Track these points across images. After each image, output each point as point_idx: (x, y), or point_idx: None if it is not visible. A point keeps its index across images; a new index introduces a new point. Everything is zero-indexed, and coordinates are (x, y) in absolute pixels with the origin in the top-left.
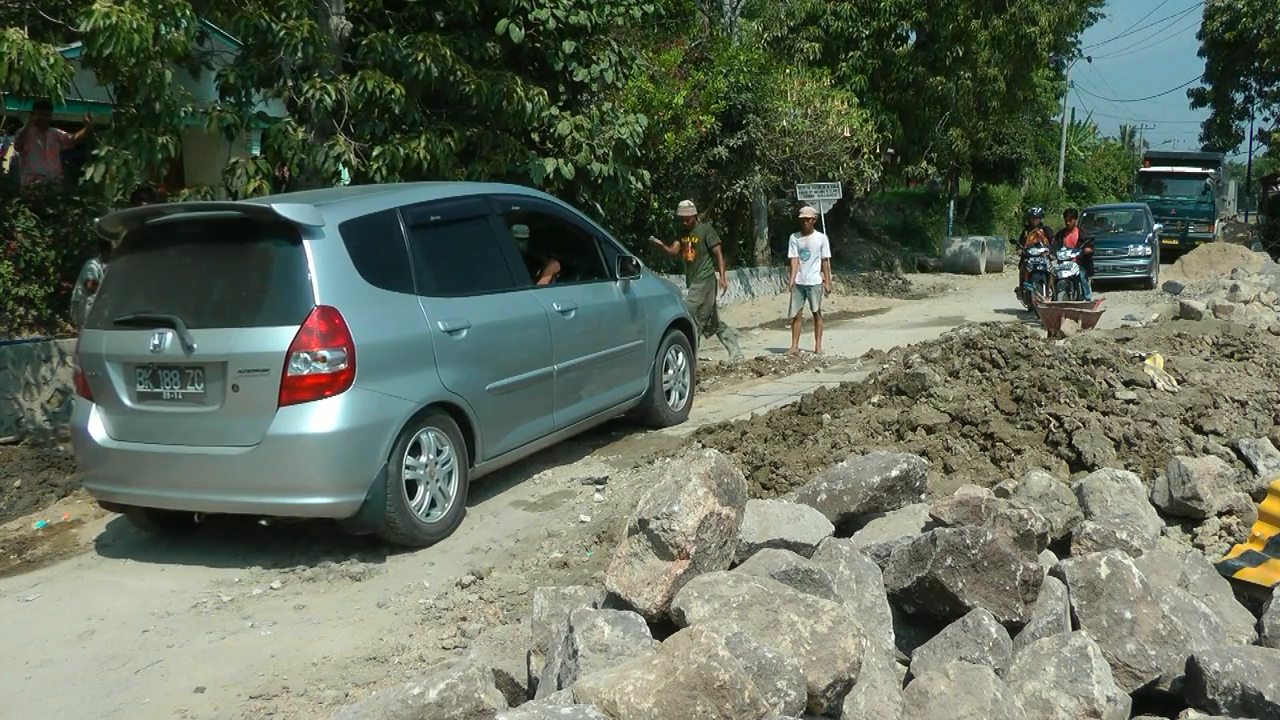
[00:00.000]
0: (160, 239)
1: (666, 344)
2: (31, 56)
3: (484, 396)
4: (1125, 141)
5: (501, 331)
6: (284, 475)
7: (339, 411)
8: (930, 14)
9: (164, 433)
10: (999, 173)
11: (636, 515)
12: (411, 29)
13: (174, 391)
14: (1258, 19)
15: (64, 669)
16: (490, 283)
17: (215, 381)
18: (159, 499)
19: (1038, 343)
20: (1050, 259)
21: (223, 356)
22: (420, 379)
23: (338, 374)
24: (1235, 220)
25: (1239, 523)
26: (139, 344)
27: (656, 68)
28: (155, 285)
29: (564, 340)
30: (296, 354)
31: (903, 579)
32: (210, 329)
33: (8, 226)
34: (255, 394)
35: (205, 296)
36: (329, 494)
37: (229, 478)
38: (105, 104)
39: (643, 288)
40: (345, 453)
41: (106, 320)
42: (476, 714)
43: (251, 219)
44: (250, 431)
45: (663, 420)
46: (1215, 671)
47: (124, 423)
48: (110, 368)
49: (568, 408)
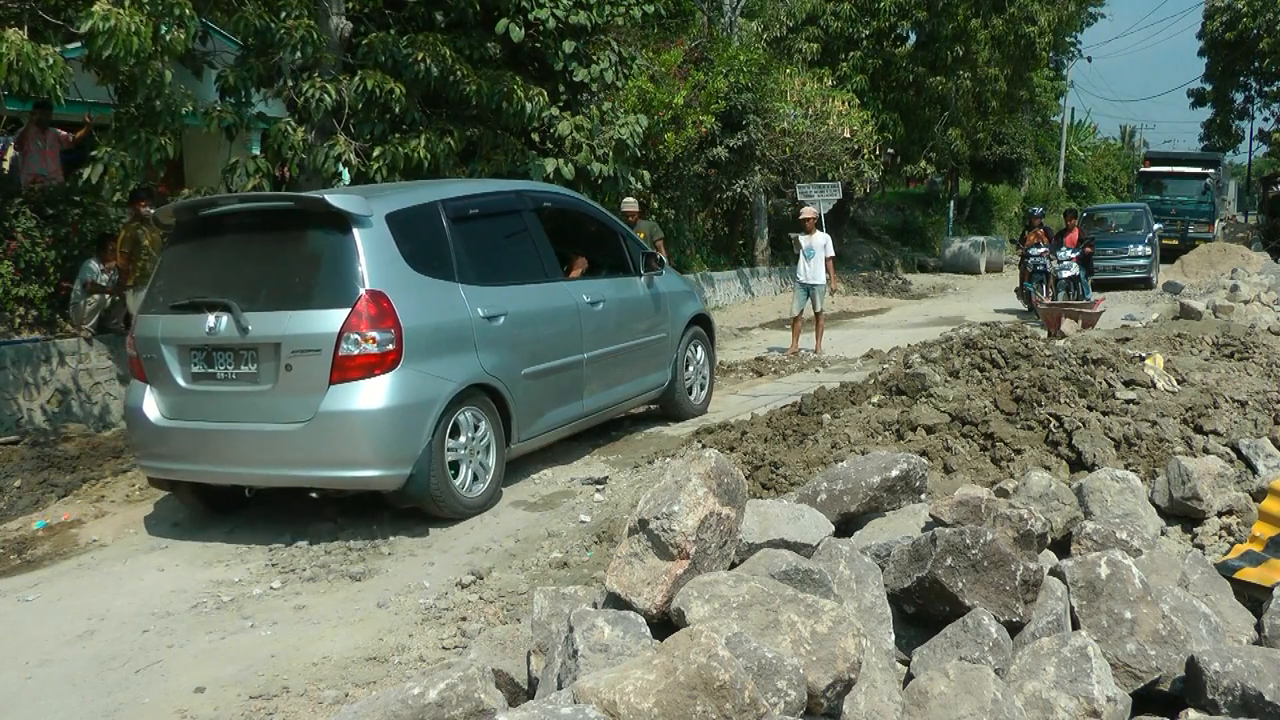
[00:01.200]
0: (213, 229)
1: (688, 338)
2: (30, 57)
3: (519, 380)
4: (1125, 141)
5: (536, 320)
6: (335, 450)
7: (387, 389)
8: (930, 14)
9: (218, 411)
10: (999, 173)
11: (636, 515)
12: (411, 29)
13: (228, 372)
14: (1258, 19)
15: (64, 669)
16: (525, 274)
17: (269, 361)
18: (212, 474)
19: (1038, 343)
20: (1050, 259)
21: (276, 338)
22: (461, 361)
23: (386, 354)
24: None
25: (1239, 523)
26: (195, 327)
27: (656, 68)
28: (210, 272)
29: (593, 330)
30: (347, 335)
31: (903, 579)
32: (264, 312)
33: (8, 226)
34: (308, 373)
35: (259, 282)
36: (377, 467)
37: (282, 453)
38: (105, 104)
39: (665, 283)
40: (393, 428)
41: (162, 305)
42: (476, 714)
43: (304, 209)
44: (303, 409)
45: (684, 412)
46: (1215, 671)
47: (178, 403)
48: (165, 350)
49: (596, 395)
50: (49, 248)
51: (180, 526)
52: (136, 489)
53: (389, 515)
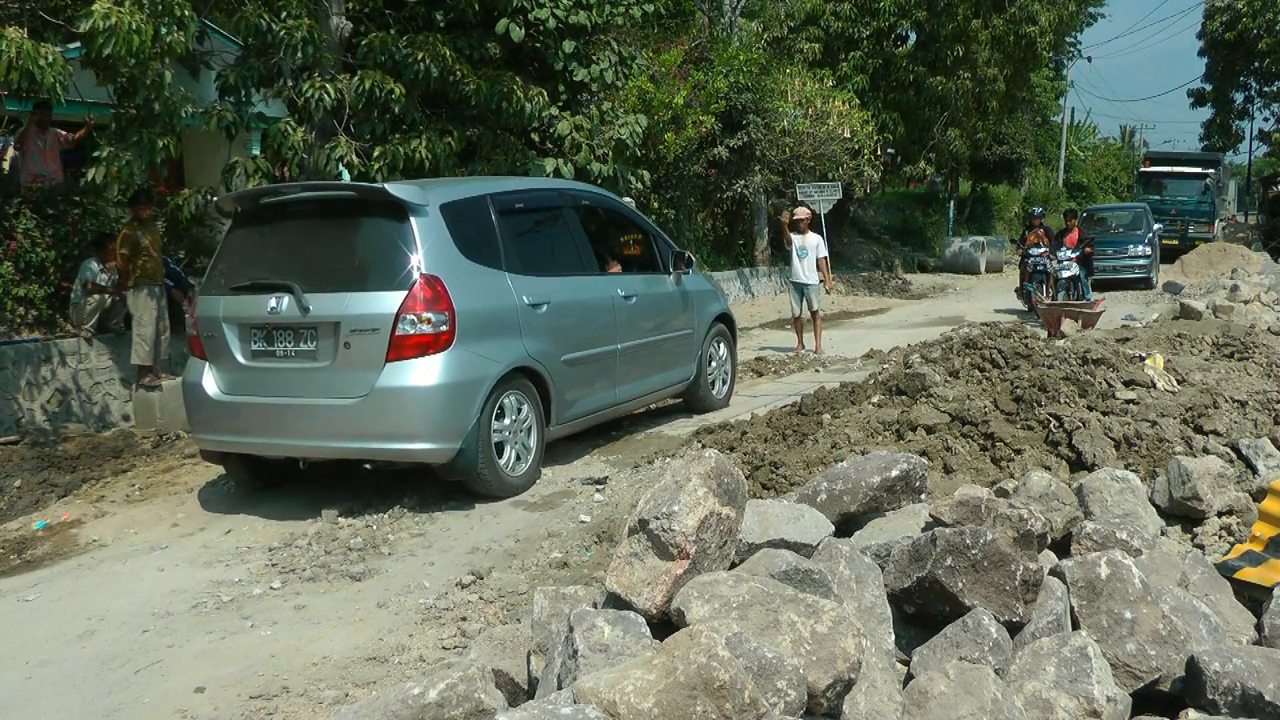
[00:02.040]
0: (273, 216)
1: (712, 335)
2: (30, 55)
3: (560, 366)
4: (1125, 141)
5: (575, 310)
6: (390, 423)
7: (440, 368)
8: (930, 14)
9: (277, 386)
10: (999, 173)
11: (636, 515)
12: (411, 29)
13: (287, 349)
14: (1258, 19)
15: (64, 669)
16: (565, 266)
17: (327, 339)
18: (270, 447)
19: (1038, 343)
20: (1050, 259)
21: (336, 317)
22: (508, 345)
23: (440, 334)
24: (1235, 220)
25: (1239, 523)
26: (256, 307)
27: (656, 68)
28: (270, 256)
29: (626, 323)
30: (404, 315)
31: (903, 579)
32: (324, 293)
33: (8, 226)
34: (365, 351)
35: (319, 265)
36: (430, 440)
37: (339, 426)
38: (105, 104)
39: (692, 282)
40: (445, 404)
41: (223, 287)
42: (476, 714)
43: (364, 198)
44: (359, 384)
45: (708, 405)
46: (1215, 671)
47: (237, 379)
48: (226, 329)
49: (628, 385)
50: (49, 248)
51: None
52: (136, 489)
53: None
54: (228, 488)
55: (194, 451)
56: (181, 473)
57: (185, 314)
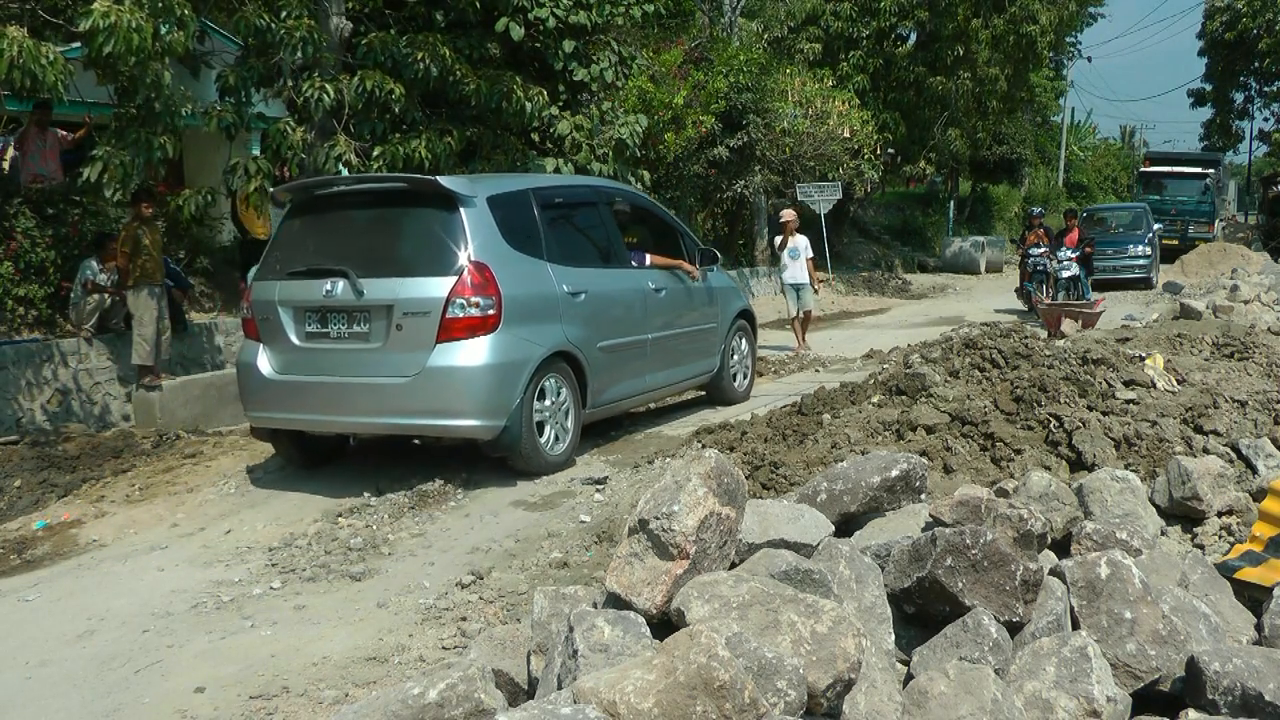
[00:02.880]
0: (327, 206)
1: (734, 330)
2: (32, 54)
3: (596, 352)
4: (1125, 141)
5: (610, 299)
6: (440, 401)
7: (487, 349)
8: (930, 13)
9: (330, 366)
10: (999, 173)
11: (636, 515)
12: (411, 29)
13: (341, 331)
14: (1258, 19)
15: (64, 669)
16: (600, 258)
17: (380, 321)
18: (322, 424)
19: (1038, 343)
20: (1050, 259)
21: (389, 300)
22: (549, 330)
23: (487, 318)
24: (1235, 220)
25: (1239, 523)
26: (312, 291)
27: (656, 68)
28: (325, 243)
29: (657, 314)
30: (454, 299)
31: (903, 579)
32: (378, 278)
33: (8, 226)
34: (417, 332)
35: (372, 252)
36: (477, 418)
37: (391, 403)
38: (105, 104)
39: (717, 280)
40: (491, 383)
41: (279, 272)
42: (476, 714)
43: (416, 190)
44: (411, 364)
45: (729, 398)
46: (1215, 671)
47: (291, 359)
48: (281, 311)
49: (657, 373)
50: (49, 248)
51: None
52: (136, 489)
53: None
54: (227, 488)
55: (194, 451)
56: (181, 473)
57: (185, 314)
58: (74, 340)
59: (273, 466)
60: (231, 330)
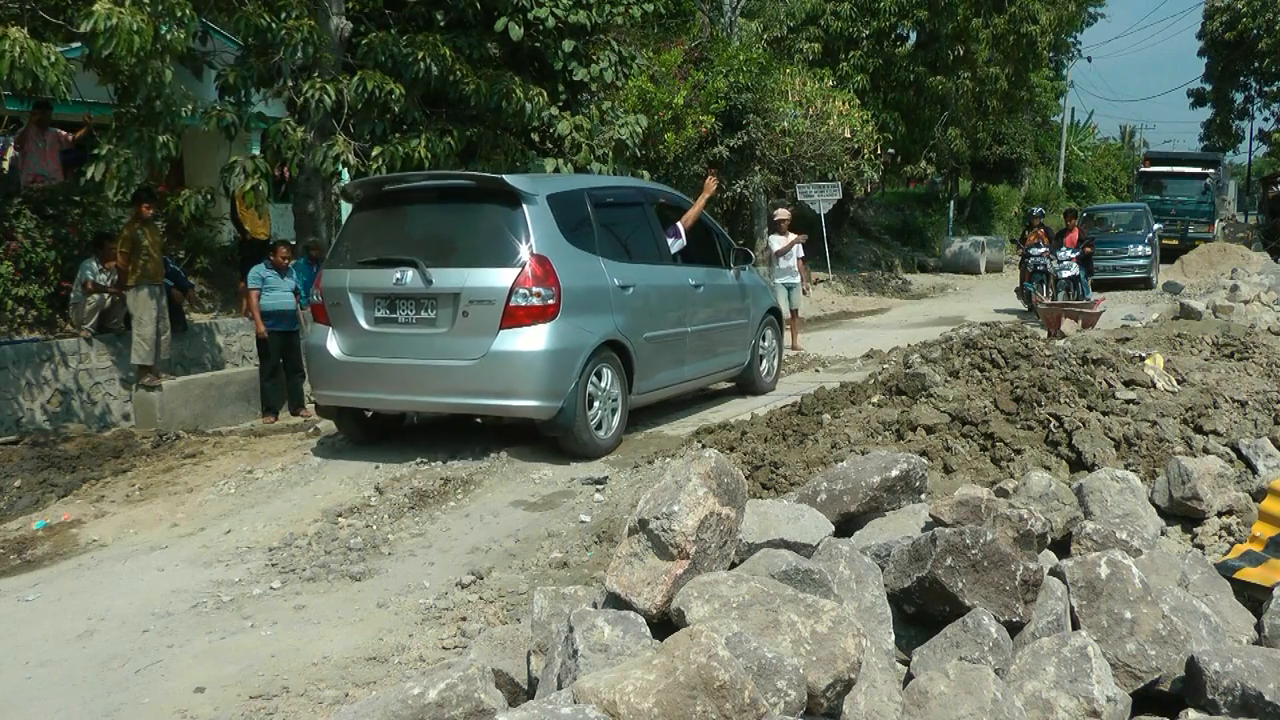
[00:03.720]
0: (395, 201)
1: (763, 325)
2: (33, 55)
3: (642, 342)
4: (1125, 141)
5: (655, 293)
6: (502, 382)
7: (547, 336)
8: (931, 13)
9: (397, 349)
10: (999, 173)
11: (636, 515)
12: (411, 29)
13: (409, 316)
14: (1258, 19)
15: (64, 669)
16: (646, 255)
17: (447, 309)
18: (389, 402)
19: (1038, 343)
20: (1050, 259)
21: (456, 289)
22: (602, 320)
23: (547, 307)
24: (1235, 220)
25: (1239, 523)
26: (382, 279)
27: (656, 68)
28: (393, 235)
29: (695, 308)
30: (518, 289)
31: (903, 579)
32: (446, 268)
33: (8, 226)
34: (481, 319)
35: (440, 244)
36: (536, 399)
37: (456, 384)
38: (105, 104)
39: (748, 278)
40: (550, 367)
41: (349, 262)
42: (476, 714)
43: (482, 187)
44: (475, 348)
45: (758, 389)
46: (1215, 671)
47: (360, 342)
48: (352, 298)
49: (693, 364)
50: (49, 248)
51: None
52: (136, 489)
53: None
54: (227, 488)
55: (194, 451)
56: (181, 473)
57: (185, 314)
58: (74, 340)
59: (275, 467)
60: (231, 330)
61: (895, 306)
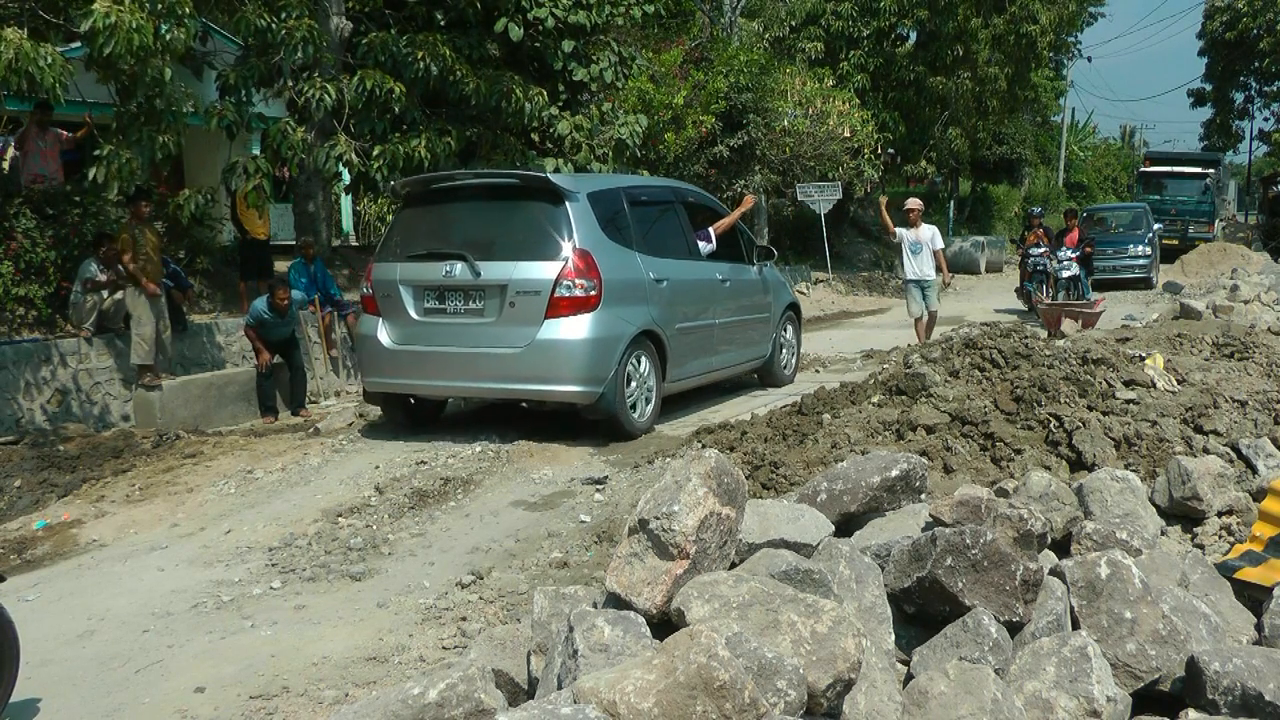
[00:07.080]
0: (442, 198)
1: (783, 320)
2: (29, 56)
3: (675, 332)
4: (1125, 141)
5: (687, 287)
6: (547, 369)
7: (589, 325)
8: (931, 13)
9: (447, 338)
10: (999, 173)
11: (636, 515)
12: (411, 29)
13: (457, 307)
14: (1258, 19)
15: (64, 669)
16: (678, 251)
17: (494, 299)
18: (437, 389)
19: (1038, 343)
20: (1050, 259)
21: (503, 281)
22: (639, 311)
23: (589, 298)
24: (1235, 220)
25: (1239, 523)
26: (432, 272)
27: (656, 68)
28: (442, 230)
29: (722, 302)
30: (562, 281)
31: (903, 579)
32: (493, 261)
33: (8, 226)
34: (528, 309)
35: (487, 238)
36: (579, 384)
37: (503, 371)
38: (105, 104)
39: (770, 274)
40: (592, 355)
41: (399, 255)
42: (476, 714)
43: (527, 185)
44: (521, 337)
45: (779, 380)
46: (1215, 671)
47: (409, 332)
48: (402, 289)
49: (720, 355)
50: (49, 248)
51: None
52: (136, 489)
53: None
54: (227, 488)
55: (194, 451)
56: (181, 473)
57: (185, 314)
58: (74, 340)
59: (275, 466)
60: (231, 330)
61: (895, 306)
